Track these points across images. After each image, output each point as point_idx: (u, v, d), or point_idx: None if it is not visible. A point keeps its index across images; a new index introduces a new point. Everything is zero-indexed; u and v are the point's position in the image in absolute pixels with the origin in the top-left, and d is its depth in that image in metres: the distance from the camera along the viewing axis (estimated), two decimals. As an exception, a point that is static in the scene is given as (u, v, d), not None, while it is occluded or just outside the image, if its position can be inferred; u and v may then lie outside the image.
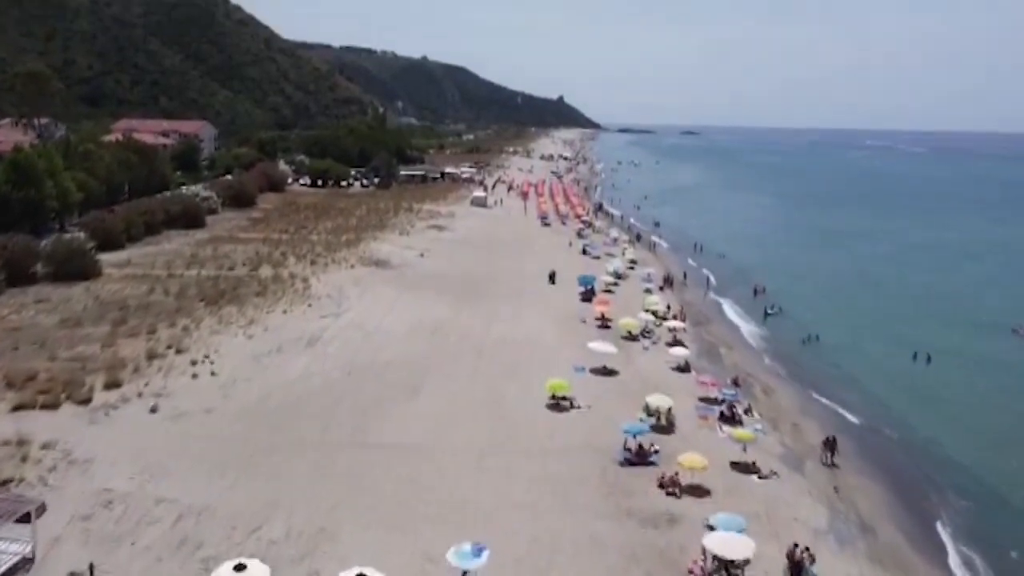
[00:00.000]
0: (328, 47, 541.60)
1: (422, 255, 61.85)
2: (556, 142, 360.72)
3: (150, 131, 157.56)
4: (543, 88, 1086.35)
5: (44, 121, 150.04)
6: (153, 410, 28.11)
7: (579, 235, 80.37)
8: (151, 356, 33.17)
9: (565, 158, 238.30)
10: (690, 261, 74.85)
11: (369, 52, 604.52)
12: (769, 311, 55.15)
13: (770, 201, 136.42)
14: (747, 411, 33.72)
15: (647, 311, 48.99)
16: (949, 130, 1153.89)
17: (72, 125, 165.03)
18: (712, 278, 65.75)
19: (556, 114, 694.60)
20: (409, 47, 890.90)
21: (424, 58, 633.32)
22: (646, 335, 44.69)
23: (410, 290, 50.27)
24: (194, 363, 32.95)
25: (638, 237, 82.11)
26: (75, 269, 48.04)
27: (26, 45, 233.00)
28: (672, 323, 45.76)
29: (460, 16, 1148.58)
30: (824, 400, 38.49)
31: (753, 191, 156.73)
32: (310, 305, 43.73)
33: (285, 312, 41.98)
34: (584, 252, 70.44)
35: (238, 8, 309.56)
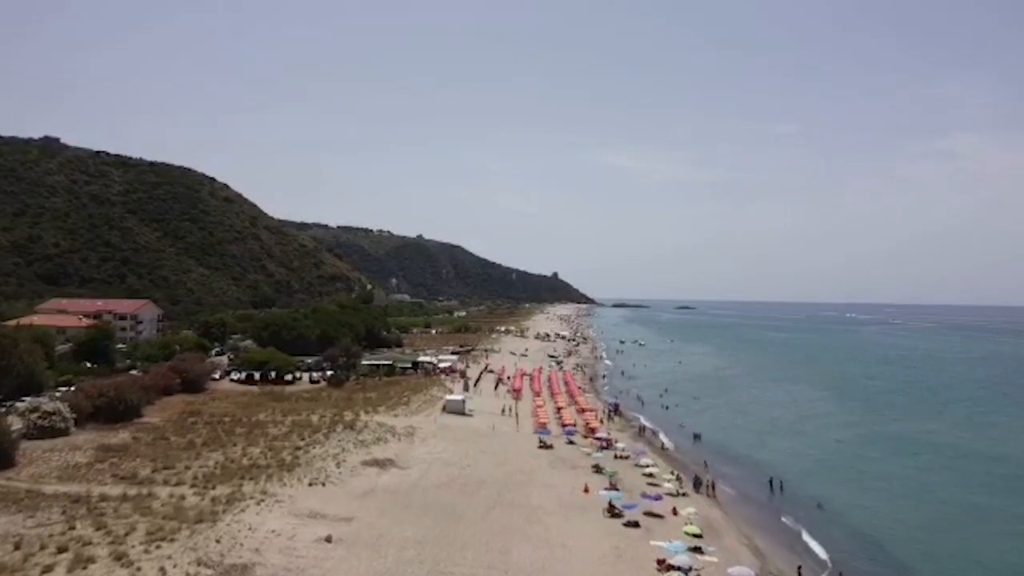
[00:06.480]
0: (325, 227, 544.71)
1: (328, 539, 34.65)
2: (552, 319, 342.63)
3: (81, 311, 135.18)
4: (537, 264, 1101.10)
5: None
6: None
7: (598, 469, 53.76)
8: None
9: (563, 337, 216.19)
10: (776, 518, 47.60)
11: (366, 231, 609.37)
12: None
13: (823, 397, 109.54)
14: None
15: None
16: (920, 303, 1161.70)
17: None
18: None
19: (551, 290, 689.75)
20: (406, 226, 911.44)
21: (420, 236, 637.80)
22: None
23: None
24: None
25: (696, 484, 53.14)
26: None
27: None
28: None
29: (456, 197, 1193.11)
30: None
31: (790, 380, 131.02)
32: None
33: None
34: (612, 511, 43.18)
35: (225, 186, 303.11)
